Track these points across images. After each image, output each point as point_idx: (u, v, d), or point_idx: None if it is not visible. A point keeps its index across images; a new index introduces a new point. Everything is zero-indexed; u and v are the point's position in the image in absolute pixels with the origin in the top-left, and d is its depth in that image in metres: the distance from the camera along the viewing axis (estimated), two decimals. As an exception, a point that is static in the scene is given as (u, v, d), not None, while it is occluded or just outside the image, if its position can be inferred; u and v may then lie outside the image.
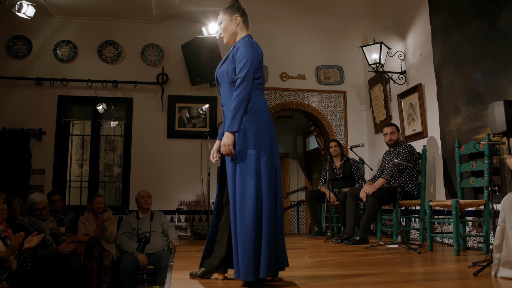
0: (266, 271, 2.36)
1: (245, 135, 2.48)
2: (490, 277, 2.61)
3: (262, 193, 2.44)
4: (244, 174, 2.44)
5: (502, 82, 3.85)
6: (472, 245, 4.18)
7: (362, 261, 3.40)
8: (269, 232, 2.40)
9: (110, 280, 4.84)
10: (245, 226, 2.38)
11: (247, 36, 2.68)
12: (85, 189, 6.29)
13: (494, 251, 2.61)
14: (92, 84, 6.20)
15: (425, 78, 5.10)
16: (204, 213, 6.20)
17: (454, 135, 4.53)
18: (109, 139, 6.51)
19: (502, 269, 2.56)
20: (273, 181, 2.51)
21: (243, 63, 2.48)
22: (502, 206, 2.54)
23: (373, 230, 5.60)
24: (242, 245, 2.37)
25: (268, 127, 2.55)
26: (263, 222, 2.40)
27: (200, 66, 6.06)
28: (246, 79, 2.45)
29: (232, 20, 2.71)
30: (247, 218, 2.38)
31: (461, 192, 4.24)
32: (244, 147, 2.47)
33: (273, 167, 2.52)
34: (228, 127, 2.42)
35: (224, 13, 2.75)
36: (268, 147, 2.51)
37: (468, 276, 2.69)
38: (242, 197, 2.42)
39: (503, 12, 3.85)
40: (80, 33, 6.33)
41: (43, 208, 4.18)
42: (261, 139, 2.50)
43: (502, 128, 3.54)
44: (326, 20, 6.67)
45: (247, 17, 2.75)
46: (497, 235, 2.57)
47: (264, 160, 2.47)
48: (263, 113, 2.56)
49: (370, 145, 6.64)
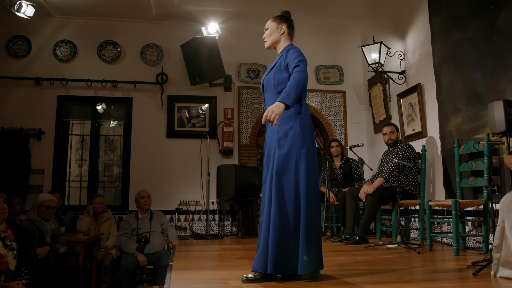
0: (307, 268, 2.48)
1: (287, 138, 2.61)
2: (490, 277, 2.61)
3: (300, 195, 2.55)
4: (286, 177, 2.56)
5: (502, 82, 3.85)
6: (471, 245, 4.18)
7: (362, 261, 3.40)
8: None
9: (110, 280, 4.84)
10: (287, 225, 2.52)
11: (292, 45, 2.84)
12: (84, 189, 6.29)
13: (493, 251, 2.61)
14: (91, 84, 6.20)
15: (425, 78, 5.10)
16: (204, 213, 6.20)
17: (453, 135, 4.53)
18: (109, 139, 6.51)
19: (502, 269, 2.56)
20: (311, 185, 2.60)
21: (300, 59, 2.64)
22: (501, 206, 2.54)
23: (373, 230, 5.60)
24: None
25: (310, 132, 2.68)
26: (301, 223, 2.53)
27: (199, 66, 6.06)
28: (304, 65, 2.61)
29: (278, 29, 2.85)
30: (287, 221, 2.52)
31: (460, 191, 4.24)
32: (286, 150, 2.59)
33: (311, 171, 2.61)
34: (283, 98, 2.48)
35: (272, 20, 2.89)
36: (309, 152, 2.62)
37: (468, 276, 2.69)
38: (282, 199, 2.54)
39: (502, 12, 3.85)
40: (79, 33, 6.33)
41: (53, 206, 4.21)
42: (303, 144, 2.61)
43: (502, 128, 3.54)
44: (326, 20, 6.67)
45: (293, 29, 2.91)
46: (496, 235, 2.57)
47: (304, 164, 2.58)
48: (306, 118, 2.70)
49: (369, 145, 6.64)
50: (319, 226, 2.62)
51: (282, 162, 2.59)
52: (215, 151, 6.39)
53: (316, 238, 2.58)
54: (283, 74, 2.70)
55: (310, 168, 2.60)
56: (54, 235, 4.21)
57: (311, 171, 2.60)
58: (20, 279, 3.18)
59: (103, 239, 5.15)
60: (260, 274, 2.53)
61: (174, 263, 3.35)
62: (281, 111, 2.45)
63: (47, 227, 4.15)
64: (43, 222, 4.15)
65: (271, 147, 2.68)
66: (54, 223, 4.30)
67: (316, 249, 2.57)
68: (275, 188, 2.56)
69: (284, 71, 2.70)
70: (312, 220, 2.54)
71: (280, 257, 2.48)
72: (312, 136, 2.70)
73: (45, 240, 4.04)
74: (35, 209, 4.16)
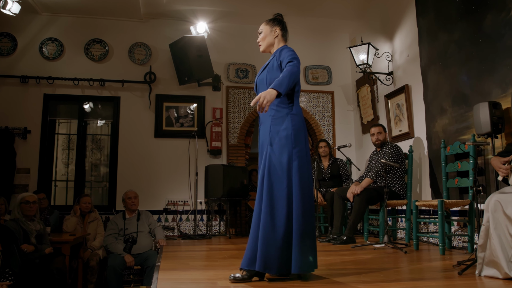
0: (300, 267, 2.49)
1: (280, 138, 2.62)
2: (475, 276, 2.64)
3: (293, 195, 2.56)
4: (277, 177, 2.58)
5: (487, 84, 3.90)
6: (457, 245, 4.23)
7: (349, 261, 3.41)
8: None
9: (96, 280, 4.80)
10: (278, 225, 2.52)
11: (286, 46, 2.86)
12: (71, 189, 6.23)
13: (478, 251, 2.64)
14: (78, 83, 6.14)
15: (412, 79, 5.15)
16: (192, 213, 6.18)
17: (440, 136, 4.57)
18: (96, 138, 6.45)
19: (486, 268, 2.60)
20: (304, 184, 2.61)
21: (293, 56, 2.66)
22: (486, 206, 2.58)
23: (360, 229, 5.63)
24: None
25: (302, 133, 2.69)
26: (293, 222, 2.53)
27: (188, 65, 6.03)
28: (297, 62, 2.63)
29: (272, 32, 2.88)
30: (278, 220, 2.53)
31: (446, 192, 4.29)
32: (278, 150, 2.61)
33: (304, 171, 2.62)
34: (275, 85, 2.49)
35: (266, 24, 2.91)
36: (301, 152, 2.64)
37: (453, 275, 2.71)
38: (273, 198, 2.56)
39: (488, 14, 3.90)
40: (66, 31, 6.26)
41: (32, 202, 4.16)
42: (295, 144, 2.62)
43: (487, 129, 3.60)
44: (315, 20, 6.70)
45: (286, 31, 2.94)
46: (481, 235, 2.60)
47: (296, 164, 2.59)
48: (299, 119, 2.71)
49: (357, 145, 6.68)
50: (313, 226, 2.63)
51: (274, 161, 2.60)
52: (203, 151, 6.38)
53: (311, 238, 2.58)
54: (275, 74, 2.71)
55: (303, 168, 2.61)
56: (39, 235, 4.17)
57: (304, 171, 2.61)
58: (4, 280, 3.14)
59: (89, 239, 5.10)
60: (248, 274, 2.53)
61: (161, 264, 3.33)
62: (273, 98, 2.46)
63: (31, 227, 4.10)
64: (28, 223, 4.10)
65: (264, 147, 2.70)
66: (39, 223, 4.26)
67: (311, 248, 2.58)
68: (266, 187, 2.57)
69: (277, 71, 2.71)
70: (306, 219, 2.55)
71: (269, 255, 2.49)
72: (305, 136, 2.71)
73: (29, 241, 4.00)
74: (17, 209, 4.12)
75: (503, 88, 3.71)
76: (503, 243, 2.47)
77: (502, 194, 2.55)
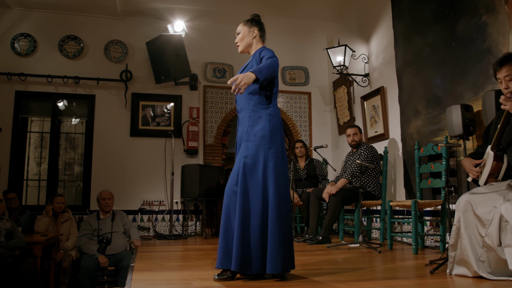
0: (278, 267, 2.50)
1: (256, 138, 2.64)
2: (446, 274, 2.70)
3: (268, 196, 2.57)
4: (252, 177, 2.58)
5: (460, 87, 4.00)
6: (430, 244, 4.32)
7: (324, 261, 3.44)
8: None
9: (69, 282, 4.70)
10: (253, 225, 2.53)
11: (265, 47, 2.89)
12: (43, 188, 6.08)
13: (449, 250, 2.70)
14: (52, 80, 6.00)
15: (388, 81, 5.23)
16: (167, 213, 6.13)
17: (414, 137, 4.66)
18: (70, 136, 6.32)
19: (457, 267, 2.66)
20: (280, 184, 2.61)
21: (273, 55, 2.69)
22: (457, 206, 2.64)
23: (336, 229, 5.69)
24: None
25: (279, 133, 2.70)
26: (269, 221, 2.54)
27: (165, 64, 5.97)
28: (277, 59, 2.65)
29: (250, 32, 2.89)
30: (253, 220, 2.54)
31: (420, 192, 4.37)
32: (254, 150, 2.62)
33: (280, 172, 2.63)
34: (255, 71, 2.50)
35: (243, 25, 2.92)
36: (278, 152, 2.65)
37: (425, 274, 2.77)
38: (249, 198, 2.56)
39: (461, 19, 3.99)
40: (40, 26, 6.11)
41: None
42: (271, 144, 2.64)
43: (459, 131, 3.69)
44: (293, 21, 6.73)
45: (264, 32, 2.96)
46: (452, 234, 2.66)
47: (272, 164, 2.60)
48: (277, 120, 2.73)
49: (333, 146, 6.74)
50: (290, 226, 2.63)
51: (250, 162, 2.60)
52: (180, 150, 6.33)
53: (287, 238, 2.59)
54: None
55: (278, 168, 2.62)
56: (8, 233, 4.05)
57: (279, 171, 2.62)
58: None
59: (62, 240, 5.00)
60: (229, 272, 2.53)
61: (135, 264, 3.29)
62: (250, 81, 2.46)
63: (0, 225, 3.99)
64: (-5, 222, 3.99)
65: (241, 147, 2.70)
66: (8, 221, 4.14)
67: (287, 248, 2.58)
68: (241, 188, 2.57)
69: None
70: (282, 220, 2.56)
71: (245, 255, 2.49)
72: (282, 137, 2.73)
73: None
74: None
75: (475, 91, 3.81)
76: (473, 243, 2.53)
77: (472, 195, 2.61)
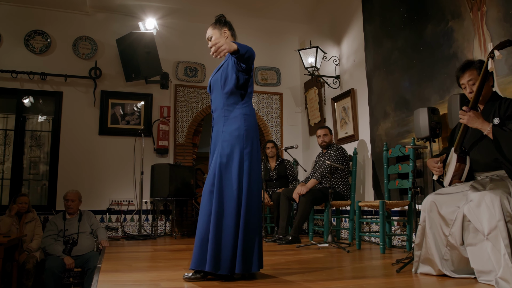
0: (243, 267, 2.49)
1: (232, 138, 2.62)
2: (411, 273, 2.76)
3: (243, 194, 2.56)
4: (227, 176, 2.57)
5: (427, 90, 4.10)
6: (397, 244, 4.41)
7: (294, 260, 3.46)
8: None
9: (32, 284, 4.56)
10: (226, 224, 2.51)
11: None
12: (6, 188, 5.88)
13: (415, 249, 2.76)
14: (17, 76, 5.81)
15: (358, 83, 5.31)
16: (136, 213, 6.03)
17: (382, 139, 4.75)
18: (35, 134, 6.13)
19: (422, 265, 2.72)
20: (254, 185, 2.61)
21: (248, 48, 2.61)
22: (423, 206, 2.70)
23: (306, 229, 5.73)
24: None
25: (254, 133, 2.70)
26: (241, 222, 2.53)
27: (136, 62, 5.87)
28: (251, 49, 2.59)
29: (222, 34, 2.87)
30: (227, 220, 2.52)
31: (388, 193, 4.45)
32: (230, 150, 2.60)
33: (254, 172, 2.63)
34: (237, 43, 2.47)
35: (213, 28, 2.88)
36: (253, 152, 2.65)
37: (392, 273, 2.82)
38: (224, 198, 2.55)
39: (428, 24, 4.10)
40: (4, 20, 5.90)
41: None
42: (247, 144, 2.63)
43: (426, 133, 3.78)
44: (265, 22, 6.75)
45: (234, 30, 2.95)
46: (418, 234, 2.72)
47: (247, 165, 2.60)
48: (252, 120, 2.72)
49: (304, 146, 6.79)
50: (259, 226, 2.63)
51: (225, 162, 2.59)
52: (150, 149, 6.24)
53: (257, 238, 2.59)
54: (230, 72, 2.72)
55: (253, 169, 2.62)
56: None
57: (254, 172, 2.63)
58: None
59: (26, 241, 4.84)
60: (202, 273, 2.51)
61: (102, 265, 3.22)
62: (231, 49, 2.43)
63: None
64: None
65: (216, 146, 2.68)
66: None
67: (257, 248, 2.58)
68: (217, 188, 2.55)
69: (232, 70, 2.72)
70: (253, 220, 2.56)
71: (220, 256, 2.48)
72: (257, 137, 2.73)
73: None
74: None
75: (441, 94, 3.91)
76: (437, 242, 2.60)
77: (437, 195, 2.68)
